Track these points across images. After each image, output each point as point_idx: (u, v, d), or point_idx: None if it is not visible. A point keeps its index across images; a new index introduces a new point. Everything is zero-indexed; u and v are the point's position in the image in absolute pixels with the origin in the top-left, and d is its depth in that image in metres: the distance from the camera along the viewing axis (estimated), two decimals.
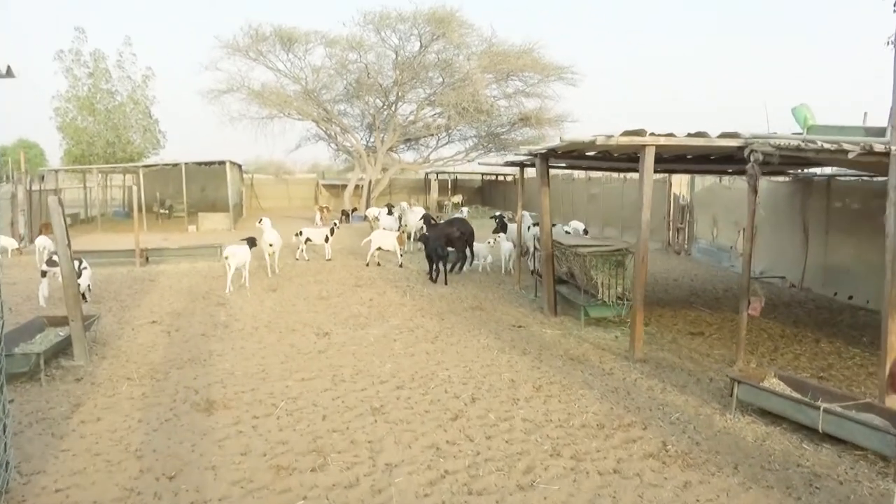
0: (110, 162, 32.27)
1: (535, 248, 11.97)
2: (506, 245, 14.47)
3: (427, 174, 42.08)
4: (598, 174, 24.75)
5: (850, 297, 10.70)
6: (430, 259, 13.00)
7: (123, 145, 33.81)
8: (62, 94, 33.29)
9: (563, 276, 9.95)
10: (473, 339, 8.13)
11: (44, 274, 9.94)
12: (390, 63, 31.22)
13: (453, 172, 40.90)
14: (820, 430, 4.84)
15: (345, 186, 36.52)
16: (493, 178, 42.86)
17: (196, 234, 24.07)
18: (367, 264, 14.80)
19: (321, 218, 28.14)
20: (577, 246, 9.03)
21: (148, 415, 5.50)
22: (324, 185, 43.07)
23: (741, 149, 6.47)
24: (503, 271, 13.90)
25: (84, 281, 9.75)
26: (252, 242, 12.30)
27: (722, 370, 6.66)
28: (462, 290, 11.85)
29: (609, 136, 6.61)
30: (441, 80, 30.89)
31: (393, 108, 32.93)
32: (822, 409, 4.84)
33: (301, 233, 15.89)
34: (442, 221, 15.57)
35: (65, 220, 7.13)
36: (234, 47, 30.43)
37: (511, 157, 12.98)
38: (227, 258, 11.28)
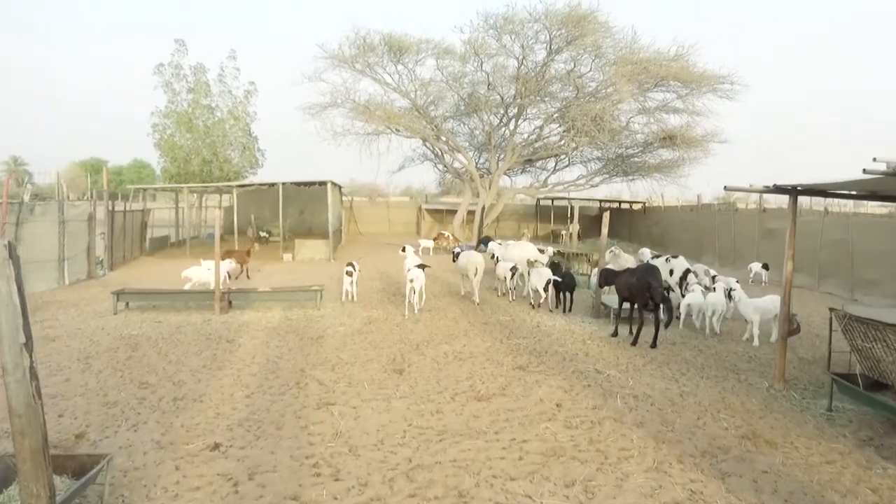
0: (206, 181, 30.14)
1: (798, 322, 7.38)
2: (714, 298, 10.09)
3: (539, 200, 37.92)
4: (775, 205, 19.70)
5: None
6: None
7: (220, 163, 31.72)
8: (161, 110, 31.72)
9: (883, 376, 5.39)
10: None
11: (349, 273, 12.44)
12: (509, 74, 27.40)
13: (568, 198, 36.27)
14: None
15: (451, 212, 32.97)
16: (617, 205, 38.12)
17: (292, 263, 20.87)
18: (534, 306, 10.78)
19: (433, 247, 24.51)
20: None
21: None
22: (426, 210, 39.70)
23: None
24: (707, 333, 9.47)
25: None
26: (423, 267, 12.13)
27: None
28: (685, 381, 7.44)
29: None
30: (575, 91, 26.60)
31: (513, 125, 29.00)
32: None
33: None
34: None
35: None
36: (339, 58, 27.62)
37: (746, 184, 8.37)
38: (411, 281, 11.40)
